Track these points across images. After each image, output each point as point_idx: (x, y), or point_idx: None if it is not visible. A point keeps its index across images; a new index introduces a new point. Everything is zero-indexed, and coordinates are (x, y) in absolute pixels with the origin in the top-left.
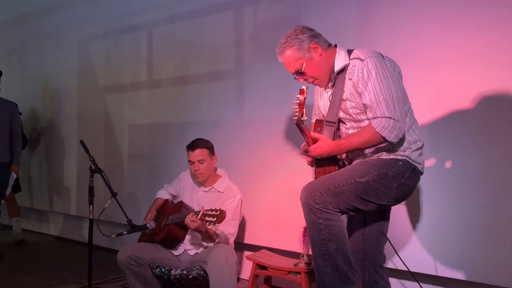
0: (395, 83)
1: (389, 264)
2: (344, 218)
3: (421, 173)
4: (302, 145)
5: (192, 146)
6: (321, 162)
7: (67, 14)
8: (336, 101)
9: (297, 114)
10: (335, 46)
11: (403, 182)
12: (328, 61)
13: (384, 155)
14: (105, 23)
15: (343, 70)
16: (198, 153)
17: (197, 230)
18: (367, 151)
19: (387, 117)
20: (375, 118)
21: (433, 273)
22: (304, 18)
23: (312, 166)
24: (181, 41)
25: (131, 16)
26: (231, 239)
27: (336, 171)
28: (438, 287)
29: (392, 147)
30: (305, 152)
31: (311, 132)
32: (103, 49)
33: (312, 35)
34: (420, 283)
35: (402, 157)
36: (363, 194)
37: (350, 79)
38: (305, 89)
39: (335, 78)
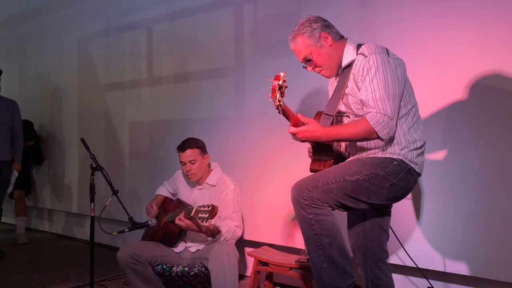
0: (393, 81)
1: (395, 260)
2: (339, 213)
3: (419, 174)
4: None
5: (182, 147)
6: (317, 154)
7: (67, 12)
8: (337, 95)
9: (273, 100)
10: (347, 39)
11: (395, 183)
12: (338, 52)
13: (380, 153)
14: (105, 20)
15: (350, 65)
16: (189, 154)
17: (188, 229)
18: (364, 146)
19: (382, 114)
20: (370, 112)
21: (437, 269)
22: (303, 13)
23: (311, 157)
24: (181, 38)
25: (130, 14)
26: (239, 232)
27: (328, 169)
28: (442, 283)
29: (388, 145)
30: (293, 135)
31: (299, 115)
32: (103, 46)
33: (325, 25)
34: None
35: (398, 157)
36: (352, 193)
37: (353, 74)
38: (281, 75)
39: (342, 72)
